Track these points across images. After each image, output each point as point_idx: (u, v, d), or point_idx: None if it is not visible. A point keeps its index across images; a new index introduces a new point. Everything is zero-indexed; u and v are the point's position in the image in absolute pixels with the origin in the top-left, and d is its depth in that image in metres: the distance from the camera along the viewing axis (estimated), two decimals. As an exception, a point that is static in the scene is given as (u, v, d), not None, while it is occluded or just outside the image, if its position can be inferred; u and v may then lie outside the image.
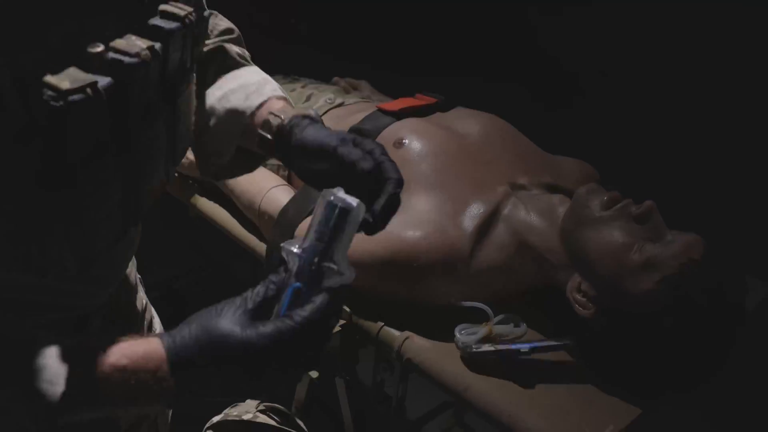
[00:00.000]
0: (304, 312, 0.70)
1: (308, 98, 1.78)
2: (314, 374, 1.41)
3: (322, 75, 1.98)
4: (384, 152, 0.85)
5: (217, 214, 1.69)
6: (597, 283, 1.29)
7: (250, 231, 1.62)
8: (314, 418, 1.64)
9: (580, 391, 1.27)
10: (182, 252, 2.46)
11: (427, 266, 1.33)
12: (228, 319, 0.70)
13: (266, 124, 0.95)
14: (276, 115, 0.94)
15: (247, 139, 0.99)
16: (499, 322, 1.37)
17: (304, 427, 1.62)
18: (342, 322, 1.37)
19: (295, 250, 0.73)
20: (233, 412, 1.69)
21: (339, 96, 1.78)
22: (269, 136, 0.94)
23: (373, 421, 1.60)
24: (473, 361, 1.28)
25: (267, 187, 1.58)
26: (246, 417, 1.66)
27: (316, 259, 0.73)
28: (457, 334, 1.34)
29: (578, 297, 1.31)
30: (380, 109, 1.61)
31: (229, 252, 2.60)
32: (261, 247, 1.57)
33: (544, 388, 1.26)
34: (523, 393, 1.24)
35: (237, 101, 0.99)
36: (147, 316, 1.14)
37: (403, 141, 1.49)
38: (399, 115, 1.58)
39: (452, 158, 1.48)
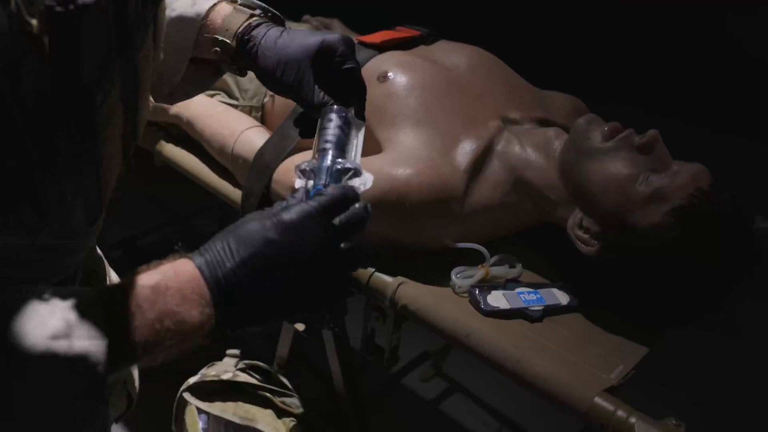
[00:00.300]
0: (328, 190, 0.68)
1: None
2: (300, 327, 1.32)
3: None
4: (352, 64, 0.83)
5: (185, 160, 1.57)
6: (600, 217, 1.21)
7: (222, 177, 1.51)
8: (299, 375, 1.56)
9: (584, 331, 1.20)
10: (142, 207, 2.33)
11: (420, 206, 1.24)
12: (253, 221, 0.64)
13: (222, 30, 0.87)
14: (232, 18, 0.87)
15: (201, 50, 0.90)
16: (494, 264, 1.30)
17: (288, 385, 1.54)
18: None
19: (306, 165, 0.72)
20: (211, 372, 1.60)
21: (311, 33, 1.66)
22: (229, 41, 0.87)
23: (363, 375, 1.52)
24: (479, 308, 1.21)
25: (240, 129, 1.47)
26: (225, 377, 1.57)
27: (330, 162, 0.72)
28: (454, 278, 1.26)
29: (580, 234, 1.24)
30: (360, 42, 1.50)
31: (192, 207, 2.49)
32: (236, 194, 1.46)
33: (547, 330, 1.19)
34: (527, 336, 1.17)
35: (183, 8, 0.89)
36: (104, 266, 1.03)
37: (388, 75, 1.39)
38: (381, 47, 1.48)
39: (441, 92, 1.38)
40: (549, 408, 1.10)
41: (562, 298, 1.25)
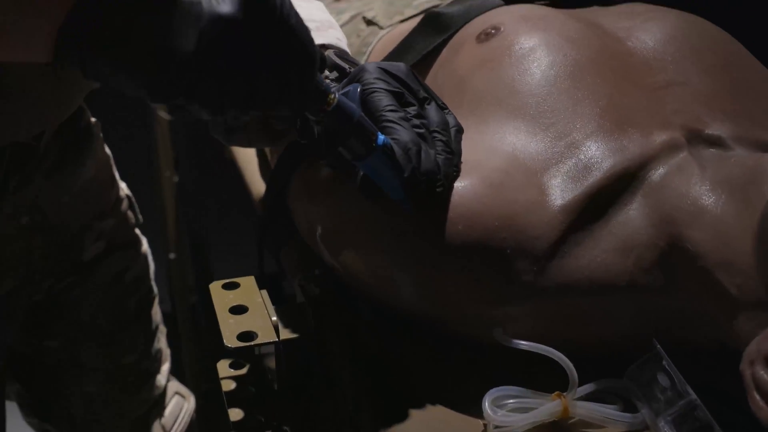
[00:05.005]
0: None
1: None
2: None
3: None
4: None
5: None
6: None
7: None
8: None
9: None
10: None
11: (449, 254, 0.66)
12: None
13: None
14: None
15: None
16: (584, 397, 0.65)
17: None
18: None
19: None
20: None
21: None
22: None
23: None
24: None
25: None
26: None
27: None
28: (487, 405, 0.63)
29: (764, 378, 0.55)
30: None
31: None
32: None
33: None
34: None
35: None
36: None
37: (492, 30, 0.82)
38: (511, -3, 0.90)
39: (581, 69, 0.76)
40: None
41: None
